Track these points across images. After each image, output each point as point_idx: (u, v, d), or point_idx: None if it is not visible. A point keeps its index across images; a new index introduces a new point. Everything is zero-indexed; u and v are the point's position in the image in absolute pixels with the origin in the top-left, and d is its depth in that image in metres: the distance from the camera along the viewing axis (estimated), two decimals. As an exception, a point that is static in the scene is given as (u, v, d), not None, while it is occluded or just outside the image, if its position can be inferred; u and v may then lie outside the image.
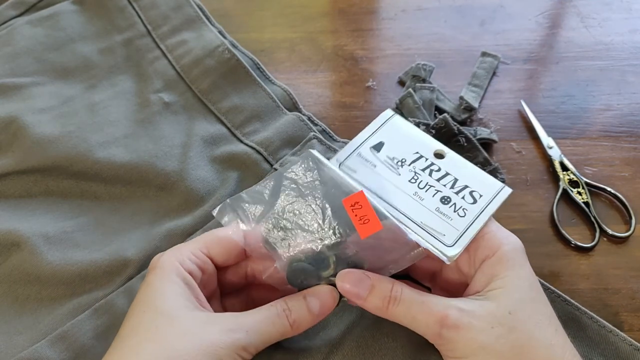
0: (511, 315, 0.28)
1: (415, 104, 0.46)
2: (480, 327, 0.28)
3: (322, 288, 0.31)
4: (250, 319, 0.29)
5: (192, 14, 0.50)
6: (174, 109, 0.45)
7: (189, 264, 0.30)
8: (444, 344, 0.29)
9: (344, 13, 0.56)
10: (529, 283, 0.30)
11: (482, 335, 0.27)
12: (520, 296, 0.29)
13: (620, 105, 0.48)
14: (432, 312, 0.28)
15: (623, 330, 0.36)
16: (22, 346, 0.34)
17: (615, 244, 0.40)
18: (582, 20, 0.55)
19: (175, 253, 0.31)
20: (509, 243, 0.31)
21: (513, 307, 0.28)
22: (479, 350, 0.27)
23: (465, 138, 0.43)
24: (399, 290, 0.29)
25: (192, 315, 0.28)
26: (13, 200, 0.41)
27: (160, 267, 0.30)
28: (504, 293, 0.29)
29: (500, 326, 0.28)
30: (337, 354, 0.33)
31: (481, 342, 0.27)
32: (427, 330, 0.29)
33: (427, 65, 0.49)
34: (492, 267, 0.30)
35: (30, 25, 0.50)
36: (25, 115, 0.43)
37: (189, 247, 0.31)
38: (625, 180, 0.43)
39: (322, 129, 0.44)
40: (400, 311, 0.29)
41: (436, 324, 0.28)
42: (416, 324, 0.29)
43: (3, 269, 0.38)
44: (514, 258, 0.30)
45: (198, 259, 0.31)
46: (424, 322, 0.29)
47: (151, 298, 0.29)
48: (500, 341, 0.27)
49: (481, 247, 0.31)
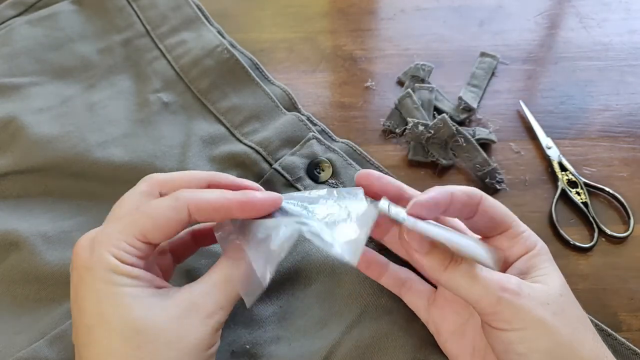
0: (562, 297, 0.28)
1: (414, 104, 0.46)
2: (539, 300, 0.27)
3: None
4: (218, 291, 0.28)
5: (191, 14, 0.50)
6: (173, 109, 0.45)
7: (127, 257, 0.27)
8: (498, 312, 0.26)
9: (343, 13, 0.56)
10: (563, 279, 0.30)
11: (540, 308, 0.27)
12: (564, 285, 0.29)
13: (619, 105, 0.48)
14: (493, 279, 0.27)
15: (621, 331, 0.36)
16: (20, 346, 0.34)
17: (613, 244, 0.40)
18: (581, 20, 0.55)
19: (106, 246, 0.26)
20: (541, 242, 0.31)
21: (562, 291, 0.28)
22: (537, 324, 0.26)
23: (464, 138, 0.43)
24: (459, 257, 0.27)
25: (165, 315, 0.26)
26: (12, 200, 0.41)
27: (98, 269, 0.26)
28: (550, 278, 0.29)
29: (555, 304, 0.27)
30: (337, 353, 0.33)
31: (539, 315, 0.26)
32: (484, 295, 0.26)
33: (426, 65, 0.49)
34: (532, 259, 0.30)
35: (29, 25, 0.50)
36: (24, 115, 0.43)
37: (121, 236, 0.27)
38: (624, 180, 0.43)
39: (321, 129, 0.44)
40: (459, 274, 0.27)
41: (497, 289, 0.26)
42: (473, 290, 0.27)
43: (2, 269, 0.38)
44: (550, 256, 0.30)
45: (136, 249, 0.27)
46: (483, 287, 0.26)
47: (109, 312, 0.25)
48: (555, 318, 0.27)
49: (518, 244, 0.30)
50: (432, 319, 0.33)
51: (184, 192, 0.28)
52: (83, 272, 0.26)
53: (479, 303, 0.27)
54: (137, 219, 0.27)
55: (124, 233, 0.27)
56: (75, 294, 0.27)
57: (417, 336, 0.34)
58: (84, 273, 0.26)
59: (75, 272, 0.27)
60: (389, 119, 0.47)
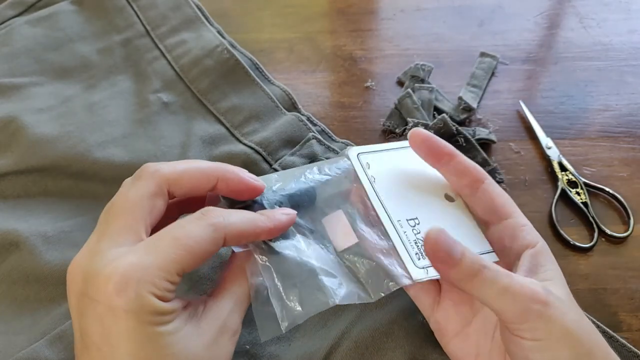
0: (572, 301, 0.28)
1: (414, 104, 0.46)
2: (563, 309, 0.26)
3: None
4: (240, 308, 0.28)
5: (191, 14, 0.50)
6: (173, 109, 0.45)
7: (168, 295, 0.25)
8: (525, 321, 0.26)
9: (342, 13, 0.56)
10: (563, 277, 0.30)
11: (566, 317, 0.26)
12: (568, 288, 0.29)
13: (619, 105, 0.48)
14: (522, 286, 0.26)
15: (621, 331, 0.36)
16: (20, 346, 0.34)
17: (613, 244, 0.40)
18: (580, 20, 0.55)
19: (146, 286, 0.24)
20: (542, 239, 0.31)
21: (569, 293, 0.28)
22: (562, 332, 0.26)
23: (464, 138, 0.43)
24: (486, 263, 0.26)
25: (201, 342, 0.26)
26: (12, 200, 0.41)
27: (139, 312, 0.24)
28: (557, 283, 0.28)
29: (573, 311, 0.27)
30: (336, 353, 0.33)
31: (565, 324, 0.26)
32: (511, 306, 0.26)
33: (426, 65, 0.49)
34: (536, 258, 0.29)
35: (29, 25, 0.50)
36: (24, 115, 0.43)
37: (162, 273, 0.25)
38: (624, 180, 0.43)
39: (321, 129, 0.44)
40: (487, 284, 0.26)
41: (526, 299, 0.25)
42: (501, 299, 0.26)
43: (2, 269, 0.38)
44: (552, 255, 0.30)
45: (175, 284, 0.25)
46: (512, 296, 0.26)
47: (150, 354, 0.24)
48: (578, 326, 0.26)
49: (521, 237, 0.30)
50: (436, 319, 0.32)
51: (218, 217, 0.27)
52: (119, 312, 0.24)
53: (505, 313, 0.26)
54: (178, 254, 0.25)
55: (165, 270, 0.25)
56: (100, 329, 0.24)
57: (417, 336, 0.34)
58: (120, 314, 0.24)
59: (106, 309, 0.24)
60: (388, 119, 0.47)
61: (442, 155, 0.32)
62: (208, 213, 0.27)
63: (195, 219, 0.26)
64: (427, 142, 0.32)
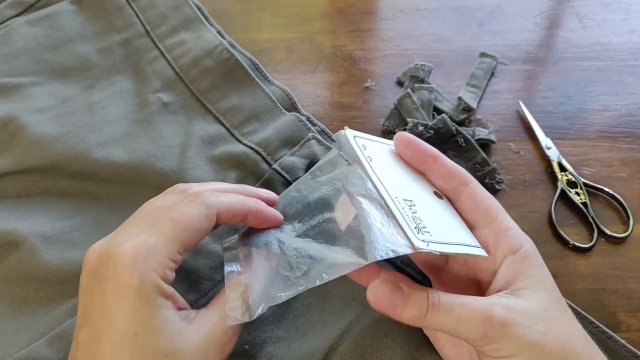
0: (547, 312, 0.28)
1: (414, 105, 0.46)
2: (526, 324, 0.27)
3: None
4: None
5: (190, 14, 0.50)
6: (173, 109, 0.45)
7: (169, 275, 0.27)
8: (489, 344, 0.27)
9: (342, 13, 0.56)
10: (551, 282, 0.30)
11: (529, 331, 0.26)
12: (550, 295, 0.29)
13: (619, 105, 0.48)
14: (475, 312, 0.27)
15: (621, 331, 0.36)
16: (19, 346, 0.34)
17: (613, 245, 0.40)
18: (580, 20, 0.55)
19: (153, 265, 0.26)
20: (529, 241, 0.30)
21: (547, 305, 0.28)
22: (528, 347, 0.26)
23: (464, 138, 0.43)
24: (436, 296, 0.27)
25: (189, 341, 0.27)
26: (11, 200, 0.41)
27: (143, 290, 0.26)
28: (536, 291, 0.28)
29: (542, 323, 0.27)
30: (336, 353, 0.33)
31: (529, 339, 0.26)
32: (470, 332, 0.27)
33: (426, 65, 0.49)
34: (517, 264, 0.29)
35: (29, 25, 0.50)
36: (23, 115, 0.43)
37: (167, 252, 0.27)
38: (623, 180, 0.43)
39: (320, 130, 0.44)
40: (440, 317, 0.27)
41: (481, 324, 0.26)
42: (459, 327, 0.27)
43: (1, 269, 0.38)
44: (537, 256, 0.30)
45: (176, 263, 0.28)
46: (468, 323, 0.27)
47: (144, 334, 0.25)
48: (546, 337, 0.27)
49: (504, 242, 0.30)
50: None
51: (210, 197, 0.29)
52: (125, 289, 0.26)
53: (468, 339, 0.27)
54: (177, 233, 0.27)
55: (167, 249, 0.27)
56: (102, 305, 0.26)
57: (416, 336, 0.34)
58: (125, 290, 0.26)
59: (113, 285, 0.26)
60: (388, 119, 0.47)
61: (425, 158, 0.32)
62: (200, 195, 0.29)
63: (189, 201, 0.29)
64: (411, 145, 0.33)
